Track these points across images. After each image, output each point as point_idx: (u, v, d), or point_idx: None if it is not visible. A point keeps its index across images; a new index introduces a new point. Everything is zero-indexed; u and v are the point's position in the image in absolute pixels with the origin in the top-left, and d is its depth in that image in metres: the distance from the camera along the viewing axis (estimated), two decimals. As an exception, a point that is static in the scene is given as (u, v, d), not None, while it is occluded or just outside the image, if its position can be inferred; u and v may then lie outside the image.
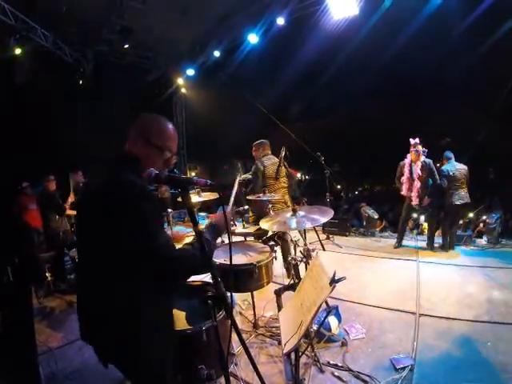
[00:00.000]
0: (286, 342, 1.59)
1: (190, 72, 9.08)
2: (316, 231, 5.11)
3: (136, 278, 1.18)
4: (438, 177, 4.81)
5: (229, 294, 1.36)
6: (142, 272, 1.17)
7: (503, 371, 2.19)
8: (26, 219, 4.51)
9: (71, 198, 4.72)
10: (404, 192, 5.02)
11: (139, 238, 1.12)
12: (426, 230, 7.34)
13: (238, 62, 8.36)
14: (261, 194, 3.83)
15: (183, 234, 1.69)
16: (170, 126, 1.34)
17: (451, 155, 5.01)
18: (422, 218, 8.10)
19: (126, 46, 7.34)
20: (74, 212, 4.35)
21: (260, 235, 3.27)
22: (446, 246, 4.87)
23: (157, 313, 1.24)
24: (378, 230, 7.01)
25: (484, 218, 5.65)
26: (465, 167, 4.90)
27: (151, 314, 1.21)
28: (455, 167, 4.87)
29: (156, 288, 1.24)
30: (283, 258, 3.63)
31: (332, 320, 2.72)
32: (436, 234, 5.26)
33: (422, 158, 4.84)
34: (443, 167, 4.96)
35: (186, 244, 1.31)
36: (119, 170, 1.22)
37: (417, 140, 4.93)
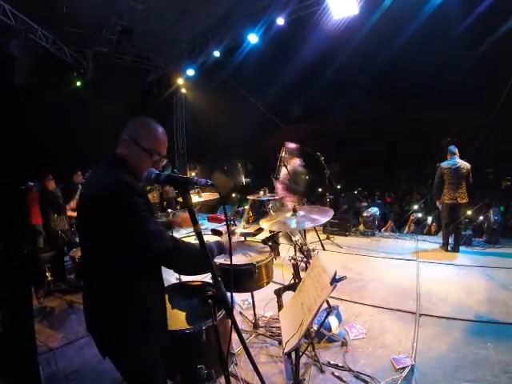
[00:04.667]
0: (286, 342, 1.58)
1: (190, 72, 9.08)
2: (316, 231, 5.12)
3: (127, 276, 1.23)
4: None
5: (229, 293, 1.36)
6: (134, 269, 1.23)
7: (503, 371, 2.19)
8: (30, 218, 4.54)
9: (74, 203, 4.74)
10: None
11: (132, 226, 1.17)
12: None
13: (238, 62, 8.36)
14: (261, 194, 3.84)
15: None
16: (160, 129, 1.39)
17: (454, 150, 4.78)
18: (430, 218, 8.14)
19: (126, 47, 7.35)
20: (74, 213, 4.36)
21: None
22: (445, 246, 4.84)
23: (147, 312, 1.28)
24: (384, 229, 7.04)
25: (482, 218, 5.64)
26: (466, 165, 4.68)
27: (140, 312, 1.26)
28: (456, 164, 4.67)
29: (147, 287, 1.29)
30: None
31: (332, 320, 2.72)
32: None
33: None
34: (442, 162, 4.81)
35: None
36: (112, 170, 1.28)
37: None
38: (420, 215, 8.65)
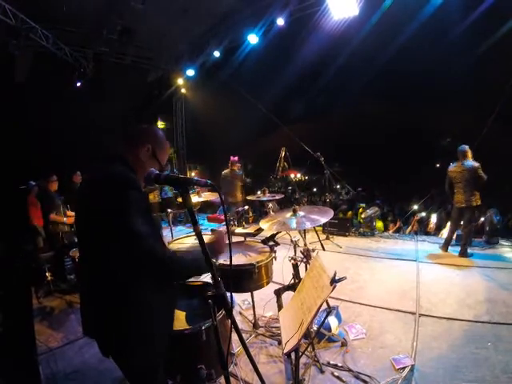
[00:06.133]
0: (286, 342, 1.59)
1: (190, 72, 9.07)
2: (316, 231, 5.13)
3: (126, 275, 1.21)
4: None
5: (229, 293, 1.36)
6: (133, 268, 1.21)
7: (503, 371, 2.19)
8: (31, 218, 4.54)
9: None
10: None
11: (121, 222, 1.15)
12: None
13: (238, 62, 8.35)
14: (261, 194, 3.84)
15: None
16: (167, 142, 1.50)
17: (463, 150, 4.54)
18: (434, 216, 8.19)
19: (127, 47, 7.35)
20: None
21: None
22: (445, 246, 4.82)
23: (148, 312, 1.27)
24: (393, 231, 7.07)
25: (483, 219, 5.62)
26: (474, 165, 4.42)
27: (139, 311, 1.25)
28: (461, 167, 4.51)
29: (148, 286, 1.27)
30: None
31: (332, 320, 2.72)
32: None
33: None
34: (450, 165, 4.69)
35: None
36: (112, 166, 1.29)
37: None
38: (424, 214, 8.69)
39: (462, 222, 4.77)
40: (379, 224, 7.09)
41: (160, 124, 11.02)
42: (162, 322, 1.36)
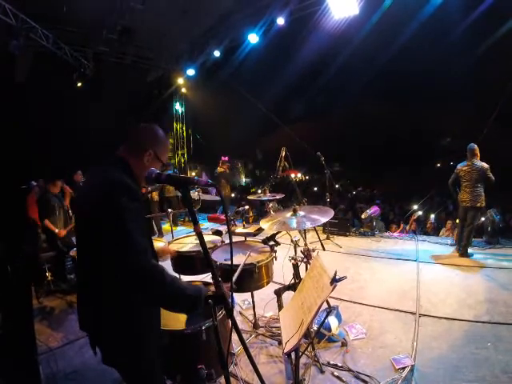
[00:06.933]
0: (286, 342, 1.58)
1: (191, 72, 9.07)
2: (316, 231, 5.12)
3: (114, 275, 1.19)
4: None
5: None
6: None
7: (503, 371, 2.19)
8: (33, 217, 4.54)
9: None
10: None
11: (114, 236, 1.12)
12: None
13: (238, 61, 8.36)
14: (261, 194, 3.84)
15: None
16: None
17: (471, 149, 4.52)
18: (433, 216, 8.17)
19: (127, 46, 7.36)
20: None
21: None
22: (458, 247, 4.73)
23: (142, 313, 1.27)
24: (397, 232, 7.07)
25: (483, 219, 5.60)
26: (482, 166, 4.41)
27: (138, 313, 1.25)
28: (471, 167, 4.48)
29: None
30: None
31: (332, 320, 2.72)
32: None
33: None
34: (459, 163, 4.67)
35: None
36: (112, 171, 1.26)
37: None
38: (420, 213, 8.74)
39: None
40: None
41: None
42: (157, 324, 1.37)
